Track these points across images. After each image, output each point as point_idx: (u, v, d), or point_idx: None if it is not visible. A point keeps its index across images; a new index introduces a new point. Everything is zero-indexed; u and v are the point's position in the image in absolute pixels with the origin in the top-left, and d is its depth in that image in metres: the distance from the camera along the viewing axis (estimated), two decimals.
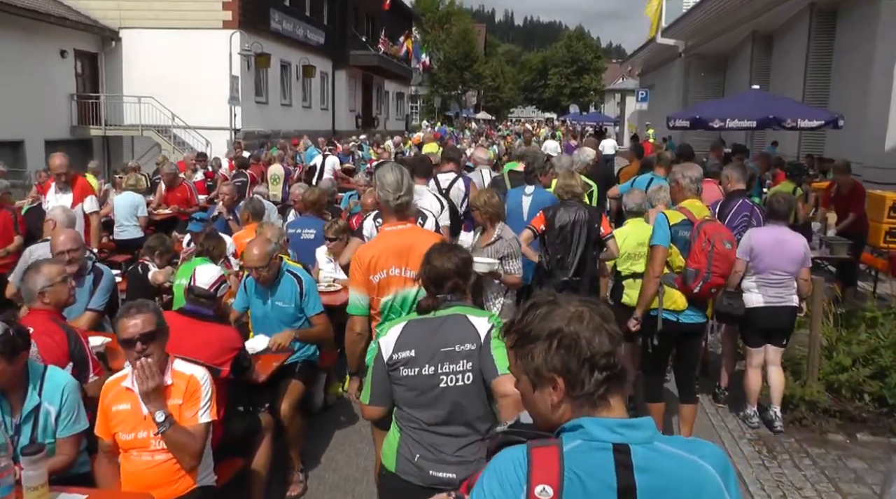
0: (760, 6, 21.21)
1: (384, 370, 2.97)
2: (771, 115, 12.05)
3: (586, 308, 1.68)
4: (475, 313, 3.04)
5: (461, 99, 67.13)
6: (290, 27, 28.19)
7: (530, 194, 6.75)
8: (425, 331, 2.98)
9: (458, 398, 2.90)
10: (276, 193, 13.55)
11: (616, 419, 1.62)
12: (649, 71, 41.87)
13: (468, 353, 2.90)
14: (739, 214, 6.30)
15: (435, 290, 3.11)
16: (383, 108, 42.76)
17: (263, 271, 4.86)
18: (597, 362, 1.61)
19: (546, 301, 1.72)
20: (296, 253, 6.80)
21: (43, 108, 21.12)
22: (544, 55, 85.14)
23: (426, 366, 2.91)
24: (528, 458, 1.59)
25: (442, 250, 3.22)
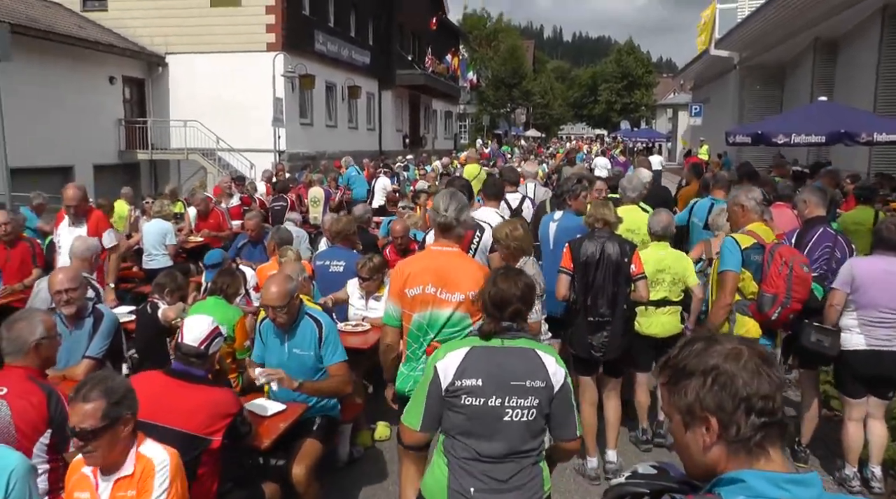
0: (825, 11, 20.04)
1: (440, 396, 2.92)
2: (842, 130, 11.13)
3: (745, 347, 1.61)
4: (543, 349, 3.00)
5: (510, 117, 66.57)
6: (335, 48, 28.02)
7: (557, 221, 6.07)
8: (493, 360, 2.90)
9: (519, 432, 2.87)
10: (316, 215, 13.15)
11: (781, 474, 1.51)
12: (702, 84, 40.68)
13: (538, 390, 2.87)
14: (820, 245, 5.48)
15: (497, 314, 3.02)
16: (431, 127, 42.45)
17: (282, 313, 4.28)
18: (753, 404, 1.54)
19: (704, 338, 1.67)
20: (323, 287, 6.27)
21: (91, 133, 21.30)
22: (594, 70, 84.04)
23: (493, 397, 2.86)
24: None
25: (508, 274, 3.14)
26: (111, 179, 21.84)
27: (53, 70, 19.49)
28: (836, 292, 5.02)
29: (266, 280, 4.48)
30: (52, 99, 19.31)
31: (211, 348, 3.66)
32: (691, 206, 7.73)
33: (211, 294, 5.40)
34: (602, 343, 5.20)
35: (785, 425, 1.59)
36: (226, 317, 5.16)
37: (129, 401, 2.86)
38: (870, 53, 18.68)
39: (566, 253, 5.33)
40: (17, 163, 17.92)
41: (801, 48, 24.78)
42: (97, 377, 2.86)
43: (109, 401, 2.78)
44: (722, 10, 31.05)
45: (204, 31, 23.84)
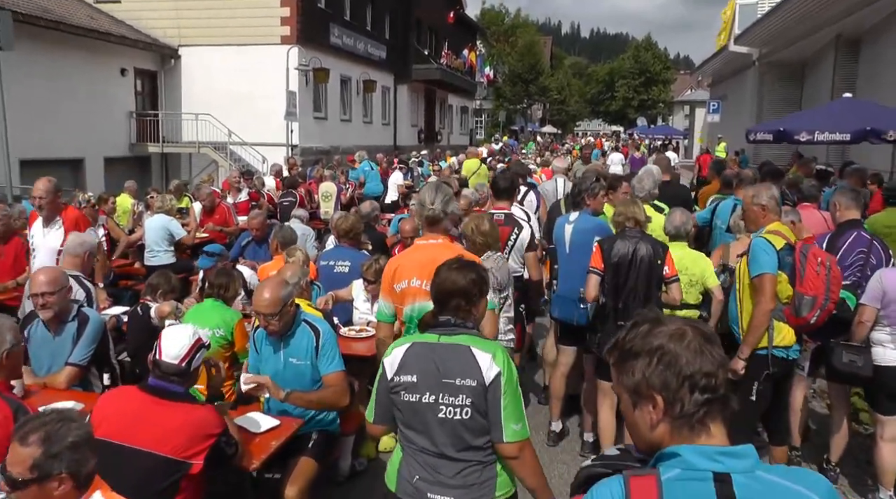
0: (847, 7, 19.55)
1: (387, 391, 2.95)
2: (868, 127, 10.72)
3: (689, 328, 1.67)
4: (481, 346, 2.89)
5: (527, 113, 66.13)
6: (351, 42, 27.74)
7: (573, 222, 5.66)
8: (428, 357, 2.89)
9: (458, 430, 2.83)
10: (327, 210, 12.91)
11: (715, 447, 1.59)
12: (720, 81, 40.10)
13: (469, 388, 2.81)
14: (854, 250, 5.12)
15: (439, 307, 3.02)
16: (447, 122, 42.11)
17: (273, 321, 3.98)
18: (697, 382, 1.60)
19: (649, 319, 1.73)
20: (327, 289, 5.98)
21: (102, 125, 21.11)
22: (611, 67, 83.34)
23: (427, 394, 2.86)
24: (626, 488, 1.57)
25: (453, 265, 3.08)
26: (122, 171, 21.67)
27: (64, 61, 19.31)
28: (866, 309, 4.68)
29: (259, 285, 4.19)
30: (63, 90, 19.15)
31: (193, 364, 3.31)
32: (714, 206, 7.35)
33: (208, 296, 5.12)
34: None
35: (727, 400, 1.62)
36: (224, 319, 4.94)
37: (72, 456, 2.33)
38: (895, 51, 18.20)
39: (596, 252, 5.04)
40: (27, 154, 17.84)
41: (822, 44, 24.27)
42: (46, 418, 2.40)
43: (46, 452, 2.31)
44: (742, 6, 30.53)
45: (218, 23, 23.58)
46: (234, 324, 4.94)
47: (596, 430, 5.47)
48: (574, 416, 6.26)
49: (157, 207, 9.07)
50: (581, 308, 5.34)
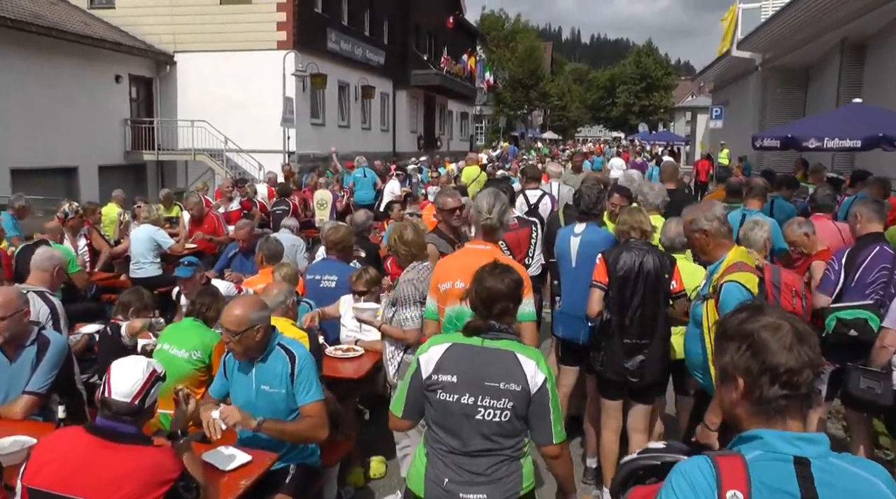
0: (853, 11, 19.20)
1: (421, 387, 2.98)
2: (880, 133, 10.34)
3: (787, 322, 1.75)
4: (525, 352, 2.96)
5: (527, 118, 65.85)
6: (349, 47, 27.46)
7: (579, 234, 5.30)
8: (470, 359, 2.94)
9: (492, 431, 2.89)
10: (323, 217, 12.60)
11: (794, 433, 1.70)
12: (722, 87, 39.77)
13: (512, 393, 2.86)
14: (876, 267, 4.75)
15: (485, 311, 3.05)
16: (446, 128, 41.81)
17: (235, 340, 3.63)
18: (778, 375, 1.69)
19: (752, 306, 1.84)
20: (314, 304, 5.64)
21: (97, 133, 20.85)
22: (612, 72, 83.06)
23: (466, 395, 2.90)
24: (715, 465, 1.68)
25: (494, 271, 3.14)
26: (116, 180, 21.34)
27: (58, 68, 19.04)
28: (890, 332, 4.32)
29: (235, 298, 3.86)
30: (57, 98, 18.90)
31: (147, 401, 2.92)
32: None
33: (188, 315, 4.77)
34: (638, 367, 4.60)
35: (808, 399, 1.72)
36: (203, 341, 4.61)
37: None
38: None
39: (600, 265, 4.70)
40: (19, 163, 17.57)
41: (826, 49, 23.94)
42: None
43: None
44: (745, 11, 30.18)
45: (213, 28, 23.35)
46: (213, 346, 4.60)
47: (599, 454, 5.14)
48: (577, 437, 5.91)
49: (143, 218, 8.76)
50: (589, 325, 5.01)
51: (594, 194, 5.37)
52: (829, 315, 4.71)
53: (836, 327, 4.65)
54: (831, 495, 1.61)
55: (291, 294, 4.67)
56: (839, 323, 4.64)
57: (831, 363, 4.88)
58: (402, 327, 4.35)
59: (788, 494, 1.62)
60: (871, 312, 4.57)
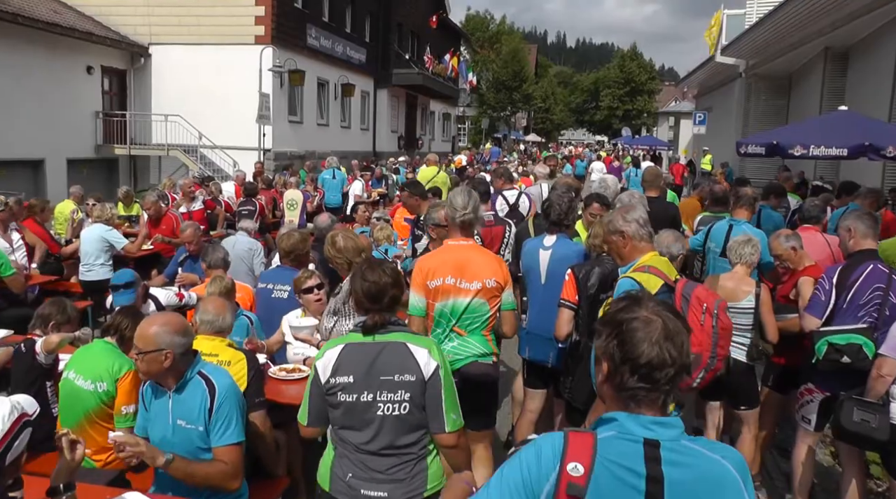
0: (836, 19, 19.12)
1: (321, 393, 2.98)
2: (866, 142, 10.03)
3: (660, 319, 1.80)
4: (416, 341, 3.00)
5: (510, 120, 65.52)
6: (329, 44, 26.95)
7: (550, 247, 4.86)
8: (364, 357, 2.95)
9: (394, 425, 2.91)
10: (292, 218, 12.14)
11: (649, 417, 1.76)
12: (706, 93, 39.67)
13: (407, 384, 2.90)
14: (869, 287, 4.36)
15: (376, 305, 3.05)
16: (428, 128, 41.35)
17: (141, 360, 3.21)
18: (637, 367, 1.76)
19: (633, 297, 1.90)
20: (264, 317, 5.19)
21: (66, 125, 20.17)
22: (596, 76, 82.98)
23: (364, 393, 2.92)
24: (565, 439, 1.78)
25: (373, 265, 3.17)
26: (87, 174, 20.80)
27: (25, 58, 18.40)
28: (887, 361, 3.93)
29: (153, 314, 3.40)
30: (23, 87, 18.24)
31: (11, 454, 2.30)
32: (708, 228, 6.59)
33: (103, 335, 4.20)
34: None
35: (669, 394, 1.79)
36: (109, 370, 3.98)
37: None
38: (886, 63, 17.71)
39: (569, 282, 4.33)
40: None
41: (810, 57, 23.85)
42: None
43: None
44: (729, 17, 30.06)
45: (190, 21, 22.76)
46: (120, 375, 3.98)
47: None
48: None
49: (95, 216, 8.25)
50: (559, 346, 4.62)
51: (565, 203, 4.95)
52: (820, 339, 4.34)
53: (827, 353, 4.29)
54: (677, 474, 1.69)
55: (228, 313, 4.15)
56: (831, 349, 4.27)
57: (821, 391, 4.52)
58: None
59: (633, 471, 1.70)
60: (866, 337, 4.21)
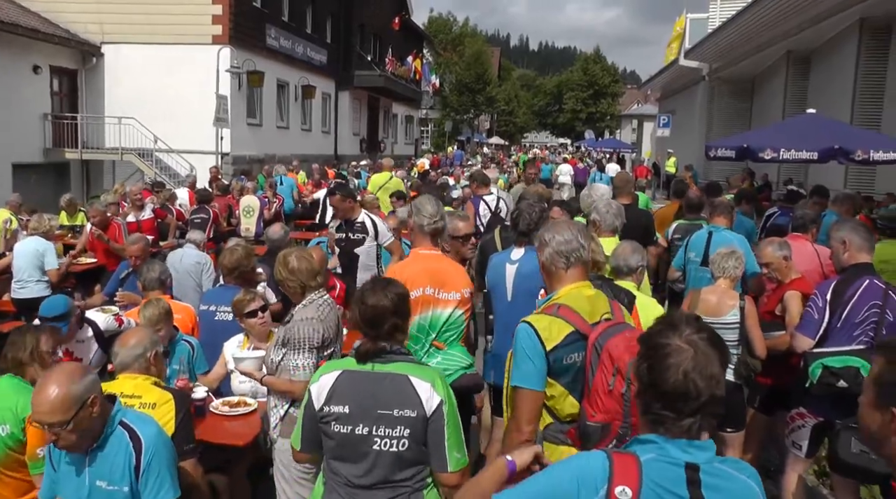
0: (798, 23, 19.19)
1: (315, 419, 2.83)
2: (836, 146, 9.90)
3: (693, 349, 1.78)
4: (419, 374, 2.79)
5: (473, 123, 65.32)
6: (289, 44, 26.35)
7: (517, 262, 4.45)
8: (362, 387, 2.77)
9: (391, 461, 2.73)
10: (249, 226, 11.62)
11: (685, 440, 1.77)
12: (669, 95, 39.84)
13: (407, 420, 2.71)
14: (866, 303, 4.05)
15: (373, 332, 2.84)
16: (391, 131, 40.85)
17: (64, 432, 2.72)
18: (661, 395, 1.77)
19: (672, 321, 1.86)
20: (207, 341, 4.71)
21: (10, 128, 19.21)
22: (560, 79, 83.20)
23: (360, 426, 2.75)
24: (610, 461, 1.76)
25: (376, 287, 2.93)
26: (35, 179, 19.98)
27: None
28: None
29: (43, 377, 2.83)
30: None
31: None
32: (687, 239, 6.25)
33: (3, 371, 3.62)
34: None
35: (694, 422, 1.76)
36: (13, 409, 3.47)
37: None
38: (847, 67, 17.80)
39: None
40: None
41: (773, 60, 23.97)
42: None
43: None
44: (693, 20, 30.13)
45: (144, 19, 21.99)
46: (27, 415, 3.33)
47: None
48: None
49: (31, 228, 7.66)
50: None
51: (535, 213, 4.57)
52: (814, 362, 4.01)
53: (822, 377, 3.96)
54: (715, 497, 1.74)
55: (155, 345, 3.66)
56: (826, 372, 3.94)
57: (814, 416, 4.19)
58: (290, 377, 3.50)
59: (677, 495, 1.72)
60: (864, 360, 3.89)
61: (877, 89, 16.90)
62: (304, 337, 3.45)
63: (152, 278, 5.20)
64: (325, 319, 3.50)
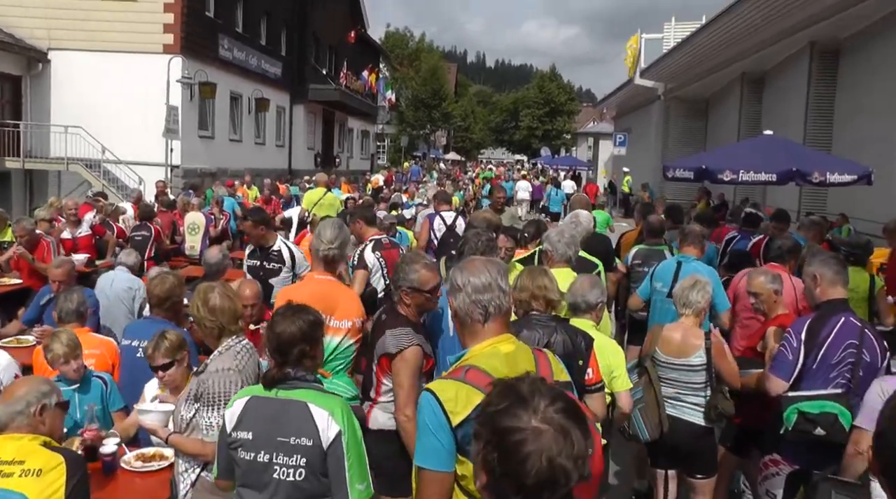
0: (751, 45, 19.48)
1: (227, 445, 2.80)
2: (794, 168, 9.85)
3: (552, 427, 1.52)
4: (319, 402, 2.75)
5: (430, 139, 65.15)
6: (243, 56, 25.81)
7: None
8: (264, 413, 2.75)
9: (290, 491, 2.68)
10: (193, 244, 11.11)
11: None
12: (624, 114, 40.20)
13: (303, 448, 2.67)
14: (842, 343, 3.81)
15: (280, 359, 2.82)
16: (346, 146, 40.36)
17: None
18: (522, 488, 1.51)
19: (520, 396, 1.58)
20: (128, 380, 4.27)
21: None
22: (516, 96, 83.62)
23: (261, 452, 2.72)
24: None
25: (286, 314, 2.88)
26: None
27: None
28: (865, 435, 3.35)
29: None
30: None
31: None
32: (654, 269, 5.95)
33: None
34: None
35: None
36: None
37: None
38: (799, 88, 18.08)
39: None
40: None
41: (727, 81, 24.33)
42: None
43: None
44: (647, 40, 30.41)
45: (93, 26, 21.27)
46: None
47: None
48: None
49: None
50: None
51: (482, 243, 4.25)
52: (789, 406, 3.76)
53: (797, 423, 3.70)
54: None
55: (44, 397, 3.09)
56: (802, 418, 3.69)
57: (789, 463, 3.94)
58: (203, 436, 3.10)
59: None
60: (841, 405, 3.65)
61: (827, 111, 17.19)
62: (220, 392, 3.07)
63: (69, 310, 4.69)
64: (243, 369, 3.12)
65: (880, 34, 14.67)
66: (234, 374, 3.09)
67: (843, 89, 16.73)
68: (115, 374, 4.41)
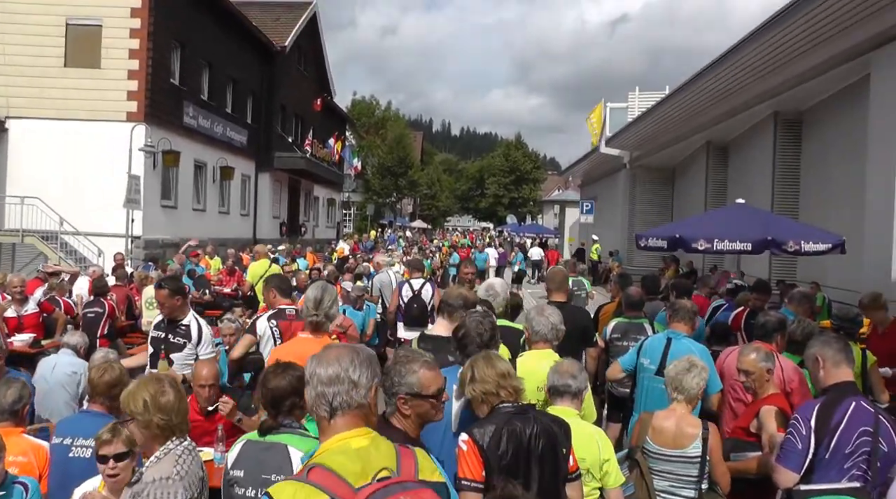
0: (716, 115, 19.76)
1: (227, 483, 3.17)
2: (769, 237, 9.74)
3: None
4: (296, 443, 3.11)
5: (396, 207, 65.23)
6: (207, 124, 25.57)
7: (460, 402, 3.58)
8: (254, 454, 3.14)
9: None
10: (151, 319, 10.55)
11: None
12: (590, 182, 40.55)
13: None
14: (855, 431, 3.48)
15: (274, 411, 3.23)
16: (312, 214, 40.05)
17: None
18: None
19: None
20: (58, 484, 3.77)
21: None
22: (481, 164, 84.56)
23: (249, 488, 3.04)
24: None
25: (277, 371, 3.31)
26: None
27: None
28: None
29: None
30: None
31: None
32: (641, 344, 5.59)
33: None
34: None
35: None
36: None
37: None
38: (765, 157, 18.28)
39: (470, 453, 3.07)
40: None
41: (692, 149, 24.59)
42: None
43: None
44: (612, 109, 30.88)
45: (55, 93, 20.85)
46: None
47: None
48: None
49: None
50: None
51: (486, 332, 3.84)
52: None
53: None
54: None
55: None
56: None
57: None
58: None
59: None
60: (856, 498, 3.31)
61: (793, 180, 17.35)
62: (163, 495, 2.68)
63: (1, 408, 4.09)
64: (185, 475, 2.72)
65: (839, 105, 14.92)
66: (175, 483, 2.69)
67: (808, 157, 16.93)
68: (42, 482, 3.86)
